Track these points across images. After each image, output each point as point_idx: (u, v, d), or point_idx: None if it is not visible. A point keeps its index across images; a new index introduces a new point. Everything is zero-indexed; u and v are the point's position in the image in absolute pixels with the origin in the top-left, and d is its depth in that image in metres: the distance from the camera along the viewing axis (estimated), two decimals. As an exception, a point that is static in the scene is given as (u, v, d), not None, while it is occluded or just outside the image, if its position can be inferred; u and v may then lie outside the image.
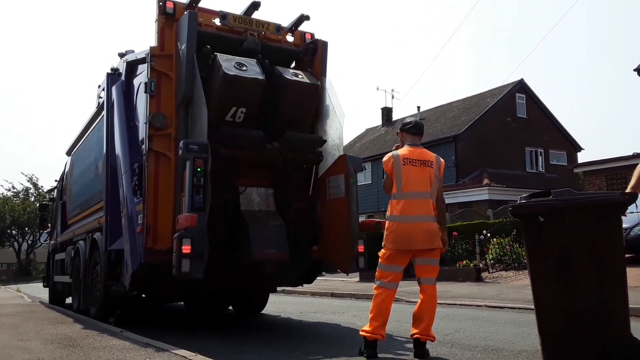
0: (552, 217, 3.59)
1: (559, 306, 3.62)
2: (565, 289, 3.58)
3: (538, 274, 3.73)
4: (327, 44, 6.61)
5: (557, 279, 3.61)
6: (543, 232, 3.64)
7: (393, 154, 4.26)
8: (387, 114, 34.13)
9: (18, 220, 39.55)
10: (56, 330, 5.90)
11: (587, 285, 3.56)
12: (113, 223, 6.49)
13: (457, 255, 14.35)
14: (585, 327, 3.55)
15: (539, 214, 3.61)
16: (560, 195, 3.65)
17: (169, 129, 5.69)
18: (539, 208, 3.64)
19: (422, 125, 4.54)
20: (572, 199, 3.62)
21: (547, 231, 3.62)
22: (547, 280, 3.67)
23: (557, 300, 3.62)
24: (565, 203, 3.60)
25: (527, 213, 3.69)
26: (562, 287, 3.59)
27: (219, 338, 5.77)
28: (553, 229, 3.60)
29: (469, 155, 25.21)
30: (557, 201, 3.62)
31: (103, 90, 7.51)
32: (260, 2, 6.23)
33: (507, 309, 7.70)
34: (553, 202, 3.63)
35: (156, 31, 5.85)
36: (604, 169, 15.66)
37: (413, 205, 4.13)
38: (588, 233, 3.56)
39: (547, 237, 3.62)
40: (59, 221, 10.62)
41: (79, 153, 9.50)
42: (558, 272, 3.60)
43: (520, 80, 28.02)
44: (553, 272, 3.62)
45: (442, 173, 4.36)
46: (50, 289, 11.38)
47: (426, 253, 4.16)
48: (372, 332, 4.11)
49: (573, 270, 3.57)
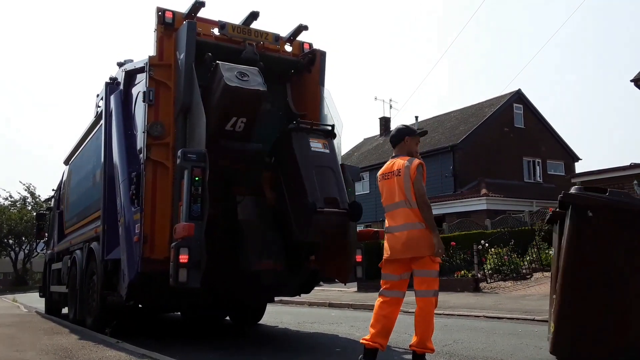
0: (603, 215, 3.50)
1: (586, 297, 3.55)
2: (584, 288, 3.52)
3: (570, 262, 3.60)
4: (326, 54, 6.64)
5: (595, 275, 3.53)
6: (590, 227, 3.52)
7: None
8: (385, 123, 34.23)
9: (15, 230, 39.38)
10: (52, 341, 5.85)
11: (612, 289, 3.50)
12: (110, 232, 6.46)
13: (455, 265, 14.32)
14: (599, 331, 3.52)
15: (590, 208, 3.51)
16: (617, 196, 3.56)
17: (167, 138, 5.69)
18: (594, 202, 3.52)
19: (391, 137, 4.55)
20: (629, 202, 3.54)
21: (598, 227, 3.52)
22: (581, 273, 3.57)
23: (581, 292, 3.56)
24: (624, 204, 3.52)
25: (579, 204, 3.58)
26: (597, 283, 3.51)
27: (216, 349, 5.74)
28: (600, 227, 3.51)
29: (466, 165, 25.25)
30: (614, 200, 3.52)
31: (102, 99, 7.52)
32: (259, 12, 6.26)
33: (506, 320, 7.67)
34: (610, 200, 3.53)
35: (155, 41, 5.86)
36: (601, 179, 15.66)
37: (393, 216, 4.23)
38: (632, 243, 3.48)
39: (594, 232, 3.52)
40: (56, 230, 10.57)
41: (76, 162, 9.49)
42: (591, 268, 3.52)
43: (518, 90, 28.15)
44: (586, 266, 3.54)
45: (413, 176, 4.14)
46: (47, 299, 11.31)
47: (416, 264, 4.16)
48: (369, 339, 4.10)
49: (614, 269, 3.50)
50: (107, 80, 7.35)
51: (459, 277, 13.19)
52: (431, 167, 26.46)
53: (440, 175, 25.69)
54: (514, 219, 19.15)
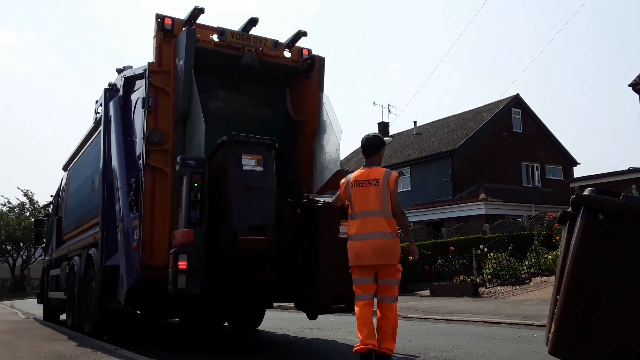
0: (614, 218, 3.48)
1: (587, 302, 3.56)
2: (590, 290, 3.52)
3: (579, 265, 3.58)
4: (324, 60, 6.66)
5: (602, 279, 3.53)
6: (601, 229, 3.52)
7: (347, 178, 4.56)
8: (384, 128, 34.27)
9: (13, 236, 39.25)
10: (50, 348, 5.83)
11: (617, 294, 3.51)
12: (109, 239, 6.45)
13: (454, 270, 14.32)
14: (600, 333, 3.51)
15: (602, 211, 3.49)
16: (631, 200, 3.53)
17: (166, 145, 5.69)
18: (606, 205, 3.50)
19: (366, 146, 4.63)
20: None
21: (605, 230, 3.51)
22: (588, 275, 3.56)
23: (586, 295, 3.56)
24: (635, 209, 3.47)
25: (590, 206, 3.56)
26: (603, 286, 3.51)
27: (215, 355, 5.72)
28: (610, 230, 3.51)
29: (465, 170, 25.28)
30: (628, 205, 3.48)
31: (101, 105, 7.52)
32: (258, 19, 6.28)
33: (505, 325, 7.66)
34: (622, 204, 3.50)
35: (154, 47, 5.88)
36: (599, 183, 15.71)
37: (364, 223, 4.31)
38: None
39: (605, 235, 3.52)
40: (54, 237, 10.55)
41: (75, 168, 9.48)
42: (598, 272, 3.52)
43: (516, 95, 28.23)
44: (593, 269, 3.55)
45: (392, 187, 4.34)
46: (45, 305, 11.26)
47: (383, 272, 4.31)
48: (362, 342, 4.17)
49: (622, 273, 3.49)
50: (106, 87, 7.37)
51: (457, 282, 13.18)
52: (430, 172, 26.53)
53: (439, 180, 25.71)
54: (512, 224, 19.16)
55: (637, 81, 17.82)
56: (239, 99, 6.86)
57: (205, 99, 6.17)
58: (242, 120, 6.78)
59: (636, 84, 17.85)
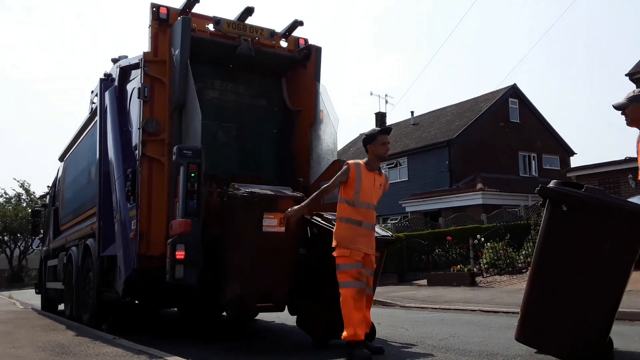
0: (576, 210, 3.57)
1: (550, 290, 3.69)
2: (554, 278, 3.65)
3: (544, 254, 3.72)
4: (321, 50, 6.63)
5: (559, 268, 3.65)
6: (563, 221, 3.63)
7: (356, 162, 4.59)
8: (381, 119, 34.20)
9: (10, 226, 39.24)
10: (48, 338, 5.85)
11: (583, 286, 3.60)
12: (106, 229, 6.45)
13: (451, 259, 14.38)
14: (565, 317, 3.63)
15: (565, 203, 3.59)
16: (592, 192, 3.61)
17: (163, 135, 5.68)
18: (569, 197, 3.61)
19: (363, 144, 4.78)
20: (603, 199, 3.58)
21: (568, 222, 3.62)
22: (549, 264, 3.68)
23: (550, 284, 3.69)
24: (596, 201, 3.55)
25: (554, 198, 3.67)
26: (561, 276, 3.63)
27: (213, 345, 5.74)
28: (573, 221, 3.60)
29: (462, 160, 25.30)
30: (588, 197, 3.58)
31: (96, 95, 7.49)
32: (253, 8, 6.24)
33: (502, 314, 7.71)
34: (585, 196, 3.59)
35: (149, 37, 5.85)
36: (596, 173, 15.74)
37: (369, 215, 4.55)
38: (607, 237, 3.54)
39: (565, 226, 3.62)
40: (52, 227, 10.55)
41: (71, 159, 9.46)
42: (564, 262, 3.63)
43: (513, 85, 28.18)
44: (557, 258, 3.65)
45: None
46: (43, 295, 11.29)
47: (370, 262, 4.58)
48: (357, 332, 4.30)
49: (578, 265, 3.59)
50: (101, 77, 7.33)
51: (455, 271, 13.24)
52: (427, 162, 26.54)
53: (436, 170, 25.73)
54: (509, 214, 19.23)
55: (635, 70, 17.81)
56: (235, 88, 6.84)
57: (201, 89, 6.16)
58: (238, 110, 6.77)
59: (633, 74, 17.83)
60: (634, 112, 4.00)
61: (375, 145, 4.60)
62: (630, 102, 4.02)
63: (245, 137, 6.76)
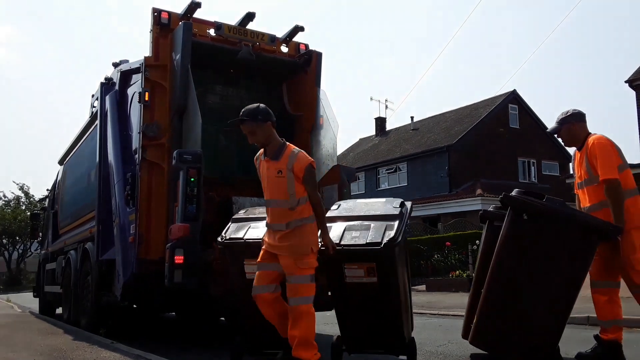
0: (537, 219, 3.70)
1: (507, 297, 3.79)
2: (510, 285, 3.76)
3: (502, 262, 3.83)
4: (322, 55, 6.65)
5: (516, 275, 3.76)
6: (523, 229, 3.76)
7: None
8: (381, 124, 34.29)
9: (9, 229, 39.16)
10: (46, 342, 5.83)
11: (539, 292, 3.72)
12: (105, 233, 6.45)
13: (450, 265, 14.39)
14: (520, 322, 3.74)
15: (526, 212, 3.72)
16: (553, 203, 3.73)
17: (163, 139, 5.68)
18: (530, 207, 3.73)
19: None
20: (561, 209, 3.71)
21: (527, 230, 3.74)
22: (507, 270, 3.79)
23: (507, 291, 3.79)
24: (554, 211, 3.69)
25: (515, 206, 3.78)
26: (518, 282, 3.76)
27: (212, 350, 5.73)
28: (534, 230, 3.73)
29: (462, 166, 25.32)
30: (547, 207, 3.71)
31: (97, 99, 7.50)
32: (255, 13, 6.26)
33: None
34: (544, 206, 3.72)
35: (151, 41, 5.86)
36: (595, 179, 15.74)
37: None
38: (563, 246, 3.69)
39: (525, 234, 3.75)
40: (50, 230, 10.53)
41: (71, 162, 9.46)
42: (521, 269, 3.74)
43: (513, 91, 28.24)
44: (515, 266, 3.77)
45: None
46: (41, 299, 11.26)
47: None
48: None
49: (535, 272, 3.72)
50: (102, 81, 7.34)
51: (453, 277, 13.25)
52: (427, 167, 26.57)
53: (436, 176, 25.75)
54: (508, 220, 19.19)
55: (634, 77, 17.86)
56: (236, 93, 6.86)
57: (201, 94, 6.16)
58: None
59: (633, 80, 17.88)
60: (567, 134, 4.23)
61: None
62: (562, 125, 4.23)
63: (246, 141, 6.75)
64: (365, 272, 3.85)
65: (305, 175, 3.78)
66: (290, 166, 3.78)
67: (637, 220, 3.86)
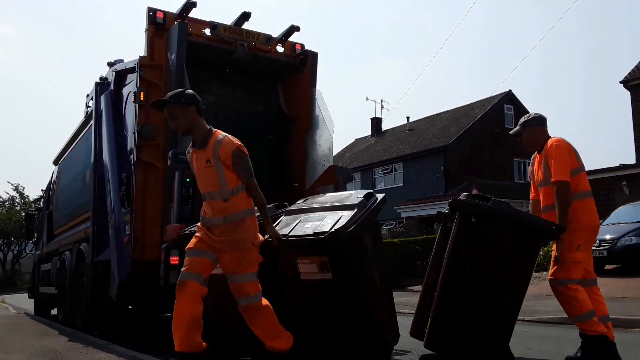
0: (484, 222, 3.81)
1: (458, 298, 3.86)
2: (467, 287, 3.84)
3: (453, 264, 3.91)
4: (317, 55, 6.66)
5: (467, 277, 3.84)
6: (471, 231, 3.84)
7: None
8: (377, 124, 34.32)
9: (3, 230, 39.02)
10: (41, 343, 5.80)
11: (487, 292, 3.80)
12: (100, 233, 6.43)
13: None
14: (470, 322, 3.82)
15: (474, 215, 3.81)
16: (499, 205, 3.87)
17: (158, 139, 5.67)
18: (477, 209, 3.84)
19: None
20: (506, 211, 3.85)
21: (475, 232, 3.83)
22: (457, 271, 3.89)
23: (458, 292, 3.86)
24: (500, 213, 3.82)
25: (463, 210, 3.88)
26: (467, 283, 3.84)
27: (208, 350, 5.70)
28: (481, 231, 3.83)
29: (458, 166, 25.38)
30: (493, 209, 3.83)
31: (92, 99, 7.47)
32: (250, 13, 6.26)
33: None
34: (490, 208, 3.84)
35: (146, 41, 5.85)
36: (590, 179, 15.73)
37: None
38: (510, 246, 3.79)
39: (474, 236, 3.84)
40: (45, 231, 10.50)
41: (66, 162, 9.42)
42: (469, 270, 3.84)
43: (509, 91, 28.32)
44: (465, 268, 3.85)
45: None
46: (36, 299, 11.22)
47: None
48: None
49: (483, 272, 3.81)
50: (97, 80, 7.31)
51: (449, 277, 13.25)
52: (422, 167, 26.60)
53: (432, 176, 25.79)
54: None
55: (629, 78, 17.95)
56: (232, 93, 6.85)
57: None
58: (235, 115, 6.77)
59: (628, 81, 17.97)
60: (528, 137, 4.29)
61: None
62: (524, 128, 4.29)
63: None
64: (318, 267, 3.43)
65: (234, 160, 3.50)
66: (216, 154, 3.50)
67: (582, 221, 3.94)
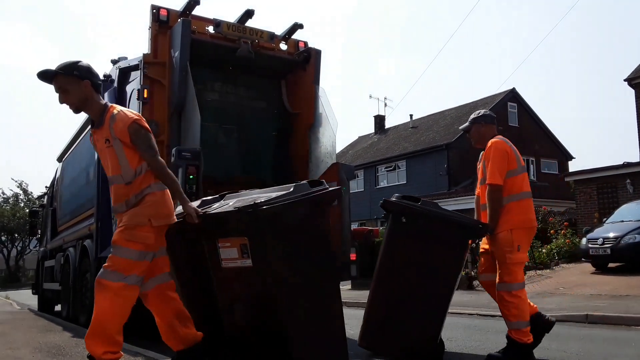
0: (413, 221, 3.93)
1: (389, 296, 3.98)
2: (394, 284, 3.94)
3: (385, 261, 4.01)
4: (321, 52, 6.65)
5: (398, 273, 3.94)
6: (402, 231, 3.94)
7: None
8: (380, 121, 34.30)
9: (7, 226, 39.19)
10: (45, 339, 5.83)
11: (417, 291, 3.91)
12: (104, 230, 6.44)
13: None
14: (401, 321, 3.92)
15: (404, 215, 3.93)
16: (427, 205, 3.98)
17: (161, 136, 5.68)
18: (407, 210, 3.95)
19: None
20: (434, 210, 3.96)
21: (406, 231, 3.93)
22: (389, 272, 3.98)
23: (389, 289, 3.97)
24: (429, 213, 3.93)
25: (394, 210, 3.99)
26: (399, 283, 3.94)
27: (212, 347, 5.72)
28: (412, 231, 3.93)
29: (461, 164, 25.34)
30: (423, 209, 3.94)
31: (95, 96, 7.47)
32: (254, 11, 6.26)
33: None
34: (419, 209, 3.94)
35: (149, 38, 5.86)
36: (594, 177, 15.77)
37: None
38: (438, 245, 3.87)
39: (404, 236, 3.96)
40: (49, 228, 10.53)
41: (70, 159, 9.45)
42: (401, 269, 3.93)
43: (512, 89, 28.25)
44: (397, 265, 3.96)
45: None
46: (40, 296, 11.28)
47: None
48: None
49: (413, 272, 3.91)
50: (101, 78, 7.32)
51: (452, 275, 13.25)
52: (426, 165, 26.59)
53: (435, 174, 25.77)
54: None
55: (634, 76, 17.88)
56: (235, 91, 6.86)
57: (200, 91, 6.16)
58: (238, 112, 6.78)
59: (632, 79, 17.90)
60: (476, 134, 4.29)
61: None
62: (473, 124, 4.28)
63: (245, 139, 6.77)
64: (239, 251, 2.97)
65: (131, 136, 3.12)
66: (112, 131, 3.12)
67: (517, 221, 3.96)
